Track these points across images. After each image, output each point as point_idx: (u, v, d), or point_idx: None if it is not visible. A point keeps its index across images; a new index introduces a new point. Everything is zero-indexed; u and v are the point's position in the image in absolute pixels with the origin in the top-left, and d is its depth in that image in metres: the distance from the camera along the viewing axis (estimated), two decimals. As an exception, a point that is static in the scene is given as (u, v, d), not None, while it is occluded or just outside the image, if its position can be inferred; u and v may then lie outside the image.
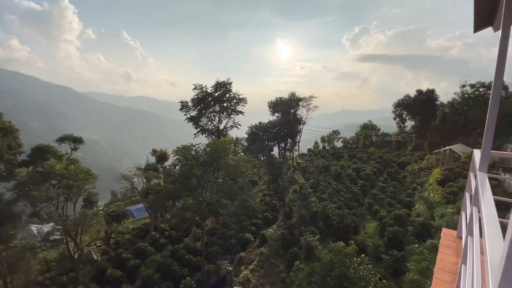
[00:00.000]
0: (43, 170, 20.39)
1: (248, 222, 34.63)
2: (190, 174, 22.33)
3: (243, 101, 46.57)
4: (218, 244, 29.50)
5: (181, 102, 44.06)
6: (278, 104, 49.93)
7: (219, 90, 44.51)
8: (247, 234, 31.47)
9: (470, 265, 2.28)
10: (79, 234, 24.36)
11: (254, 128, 46.46)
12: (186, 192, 22.63)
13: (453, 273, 3.20)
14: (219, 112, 45.23)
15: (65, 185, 21.56)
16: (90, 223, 23.57)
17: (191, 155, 22.95)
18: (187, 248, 28.92)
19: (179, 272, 24.67)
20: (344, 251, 13.52)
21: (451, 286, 2.97)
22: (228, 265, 24.83)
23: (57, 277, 28.04)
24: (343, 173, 46.85)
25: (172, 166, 34.72)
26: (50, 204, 22.03)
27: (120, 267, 28.05)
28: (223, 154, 23.69)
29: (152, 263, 26.23)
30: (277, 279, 25.13)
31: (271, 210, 38.23)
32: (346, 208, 34.09)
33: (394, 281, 19.78)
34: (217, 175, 23.95)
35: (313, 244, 22.53)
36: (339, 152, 64.64)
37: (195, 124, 44.73)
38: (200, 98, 43.55)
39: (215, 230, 32.76)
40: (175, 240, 33.96)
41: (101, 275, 26.76)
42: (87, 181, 25.01)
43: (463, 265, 2.61)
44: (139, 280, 23.68)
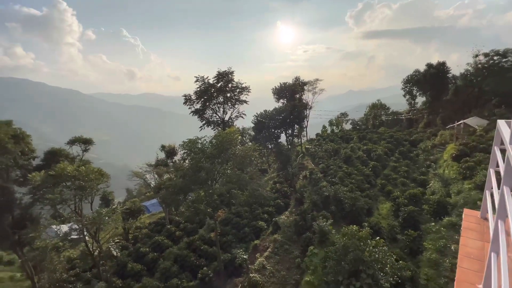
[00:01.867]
0: (55, 173, 20.85)
1: (260, 210, 34.83)
2: (199, 167, 22.32)
3: (246, 89, 45.88)
4: (232, 234, 29.89)
5: (184, 96, 43.82)
6: (283, 90, 48.89)
7: (221, 80, 43.87)
8: (260, 222, 31.71)
9: (503, 252, 1.95)
10: (97, 232, 25.09)
11: (259, 117, 45.90)
12: (196, 185, 22.73)
13: (479, 259, 2.87)
14: (223, 103, 44.80)
15: (78, 186, 22.04)
16: (106, 221, 24.17)
17: (197, 148, 22.86)
18: (202, 239, 29.46)
19: (196, 263, 25.23)
20: (357, 235, 13.30)
21: (479, 275, 2.64)
22: (243, 253, 25.14)
23: (82, 273, 29.29)
24: (354, 156, 46.07)
25: (182, 161, 34.96)
26: (66, 205, 22.67)
27: (139, 261, 28.95)
28: (229, 145, 23.49)
29: (169, 256, 26.93)
30: (292, 265, 25.36)
31: (283, 197, 38.26)
32: (358, 191, 33.69)
33: (411, 261, 19.55)
34: (225, 166, 23.87)
35: (326, 228, 22.41)
36: (348, 134, 63.49)
37: (200, 117, 44.57)
38: (202, 90, 43.13)
39: (228, 220, 33.16)
40: (190, 232, 34.66)
41: (122, 269, 27.73)
42: (100, 181, 25.43)
43: (493, 253, 2.27)
44: (159, 273, 24.39)
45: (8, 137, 27.33)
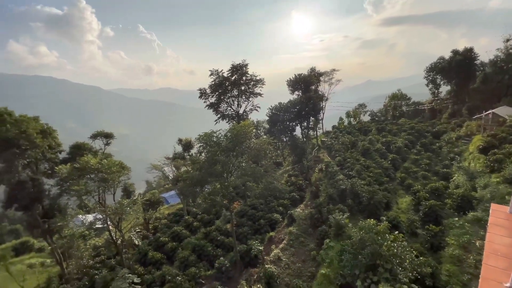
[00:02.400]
0: (80, 166, 22.01)
1: (275, 203, 34.97)
2: (214, 160, 22.63)
3: (260, 82, 45.53)
4: (248, 225, 30.30)
5: (199, 89, 44.27)
6: (298, 82, 47.97)
7: (235, 73, 43.79)
8: (275, 215, 31.89)
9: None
10: (119, 222, 26.34)
11: (274, 109, 45.54)
12: (212, 177, 23.12)
13: (507, 257, 2.69)
14: (237, 96, 44.82)
15: (101, 178, 23.15)
16: (128, 211, 25.28)
17: (213, 141, 23.13)
18: (218, 230, 30.14)
19: (213, 253, 25.92)
20: (375, 229, 13.00)
21: (506, 273, 2.48)
22: (258, 245, 25.49)
23: (106, 260, 31.03)
24: (372, 148, 44.82)
25: (198, 154, 35.61)
26: (90, 196, 23.93)
27: (159, 249, 30.19)
28: (244, 138, 23.57)
29: (188, 245, 27.83)
30: (308, 257, 25.39)
31: (298, 190, 38.12)
32: (376, 184, 32.89)
33: (432, 256, 18.92)
34: (240, 159, 24.05)
35: (343, 222, 22.13)
36: (366, 126, 61.67)
37: (215, 110, 44.97)
38: (217, 83, 43.32)
39: (244, 211, 33.60)
40: (207, 223, 35.55)
41: (144, 257, 29.07)
42: (121, 173, 26.49)
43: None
44: (178, 261, 25.34)
45: (37, 132, 29.03)
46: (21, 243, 46.37)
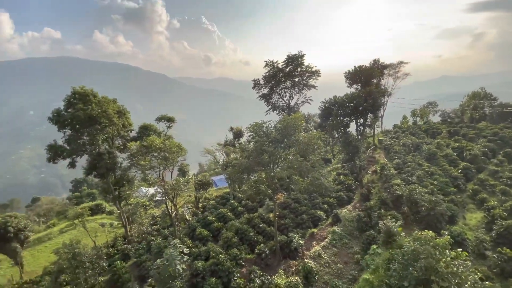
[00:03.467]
0: (146, 144, 25.03)
1: (320, 200, 34.12)
2: (262, 150, 23.08)
3: (316, 74, 43.91)
4: (290, 218, 30.38)
5: (253, 80, 45.07)
6: (357, 74, 44.60)
7: (290, 64, 43.10)
8: (319, 212, 31.20)
9: None
10: (175, 197, 29.28)
11: (327, 103, 43.52)
12: (259, 166, 23.69)
13: None
14: (290, 88, 44.27)
15: (163, 157, 25.95)
16: (183, 188, 27.88)
17: (262, 132, 23.55)
18: (261, 217, 31.00)
19: (254, 238, 26.88)
20: (433, 241, 11.62)
21: None
22: (299, 239, 25.44)
23: (161, 229, 35.01)
24: (439, 153, 39.70)
25: (247, 142, 36.82)
26: (153, 171, 27.10)
27: (206, 227, 32.65)
28: (293, 130, 23.36)
29: (231, 227, 29.42)
30: (350, 260, 24.34)
31: (346, 190, 36.39)
32: (440, 194, 29.25)
33: (501, 283, 16.18)
34: (287, 151, 23.99)
35: (395, 229, 20.36)
36: (435, 128, 54.61)
37: (266, 101, 45.36)
38: (271, 74, 43.41)
39: (287, 204, 33.72)
40: (250, 209, 36.84)
41: (192, 232, 31.88)
42: (179, 154, 29.15)
43: None
44: (221, 241, 27.08)
45: (114, 112, 33.78)
46: (96, 205, 55.27)
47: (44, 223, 55.29)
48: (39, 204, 68.15)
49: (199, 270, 21.33)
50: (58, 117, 29.91)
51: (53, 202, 70.38)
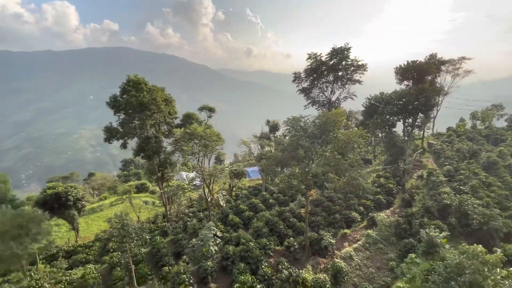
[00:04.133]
0: (189, 132, 26.63)
1: (355, 201, 32.84)
2: (298, 144, 22.92)
3: (362, 68, 41.43)
4: (322, 216, 29.87)
5: (294, 73, 44.35)
6: (409, 70, 40.81)
7: (334, 57, 41.30)
8: (353, 213, 30.12)
9: None
10: (211, 183, 30.80)
11: (373, 100, 40.83)
12: (293, 161, 23.61)
13: None
14: (332, 82, 42.54)
15: (203, 144, 27.40)
16: (219, 176, 29.18)
17: (299, 126, 23.30)
18: (292, 212, 31.03)
19: (284, 231, 27.13)
20: (482, 257, 10.48)
21: None
22: (330, 238, 24.98)
23: (197, 212, 37.25)
24: (501, 163, 35.07)
25: (282, 136, 36.81)
26: (194, 157, 28.81)
27: (238, 215, 33.84)
28: (333, 127, 22.66)
29: (262, 218, 30.05)
30: (384, 266, 23.24)
31: (386, 194, 34.40)
32: (497, 208, 26.00)
33: None
34: (325, 148, 23.43)
35: (438, 240, 18.84)
36: (499, 134, 48.07)
37: (306, 95, 44.37)
38: (313, 68, 42.17)
39: (319, 201, 33.14)
40: (282, 202, 37.06)
41: (225, 218, 33.33)
42: (218, 143, 30.43)
43: None
44: (252, 229, 27.89)
45: (162, 100, 36.39)
46: (141, 184, 60.72)
47: (97, 196, 62.74)
48: (94, 179, 77.25)
49: (229, 254, 22.36)
50: (114, 102, 33.28)
51: (105, 178, 79.18)
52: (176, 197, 38.10)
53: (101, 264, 25.54)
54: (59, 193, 32.55)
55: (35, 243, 22.25)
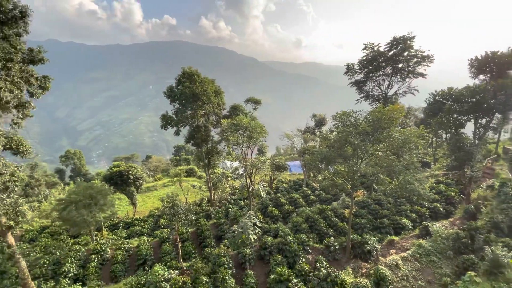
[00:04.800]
0: (235, 123, 27.43)
1: (408, 206, 30.10)
2: (346, 141, 21.70)
3: (427, 59, 36.70)
4: (367, 219, 28.17)
5: (346, 65, 41.67)
6: (488, 62, 34.76)
7: (395, 48, 37.39)
8: (404, 219, 27.67)
9: None
10: (253, 173, 31.45)
11: (438, 95, 36.01)
12: (340, 158, 22.50)
13: None
14: (390, 75, 38.72)
15: (248, 136, 28.00)
16: (260, 167, 29.59)
17: (349, 121, 21.97)
18: (334, 211, 29.92)
19: (324, 230, 26.39)
20: None
21: None
22: (375, 242, 23.44)
23: (238, 200, 38.60)
24: None
25: (329, 131, 35.27)
26: (238, 148, 29.71)
27: (277, 207, 34.05)
28: (388, 124, 20.80)
29: (302, 214, 29.69)
30: (436, 280, 20.98)
31: (445, 203, 30.70)
32: None
33: None
34: (377, 147, 21.72)
35: (505, 260, 16.16)
36: None
37: (359, 89, 41.41)
38: (369, 59, 38.94)
39: (366, 203, 31.24)
40: (324, 200, 35.98)
41: (264, 209, 33.89)
42: (261, 135, 30.74)
43: None
44: (291, 223, 27.80)
45: (212, 91, 38.09)
46: (190, 169, 65.30)
47: (152, 176, 69.63)
48: (150, 161, 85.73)
49: (267, 244, 22.73)
50: (170, 92, 36.03)
51: (160, 161, 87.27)
52: (220, 184, 40.02)
53: (153, 238, 28.50)
54: (122, 171, 36.99)
55: (101, 212, 25.91)
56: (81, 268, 22.78)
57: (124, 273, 22.67)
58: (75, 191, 26.21)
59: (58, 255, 22.95)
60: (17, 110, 14.21)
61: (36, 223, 34.48)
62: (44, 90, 15.55)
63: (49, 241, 27.75)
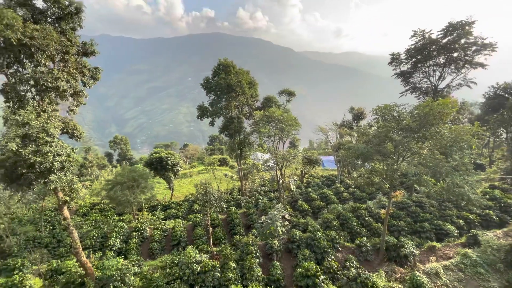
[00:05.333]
0: (268, 114, 27.30)
1: (454, 211, 27.36)
2: (387, 137, 20.21)
3: (489, 47, 32.03)
4: (405, 221, 26.28)
5: (391, 54, 38.35)
6: None
7: (450, 34, 33.25)
8: (448, 225, 25.24)
9: None
10: (283, 166, 31.24)
11: (500, 89, 31.42)
12: (378, 155, 21.09)
13: None
14: (443, 65, 34.65)
15: (279, 128, 27.73)
16: (292, 160, 29.22)
17: (392, 116, 20.34)
18: (368, 210, 28.44)
19: (356, 229, 25.30)
20: None
21: None
22: (413, 247, 21.83)
23: (268, 192, 38.83)
24: None
25: (368, 126, 33.14)
26: (269, 140, 29.65)
27: (307, 202, 33.49)
28: (437, 120, 18.81)
29: (333, 210, 28.78)
30: (484, 297, 18.89)
31: (499, 210, 27.24)
32: None
33: None
34: (422, 144, 19.85)
35: None
36: None
37: (404, 80, 37.94)
38: (418, 48, 35.26)
39: (405, 205, 29.10)
40: (357, 199, 34.40)
41: (294, 203, 33.59)
42: (294, 128, 30.24)
43: None
44: (321, 219, 27.15)
45: (247, 83, 38.26)
46: (223, 158, 67.24)
47: (188, 163, 73.25)
48: (187, 149, 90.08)
49: (296, 238, 22.56)
50: (207, 83, 37.05)
51: (196, 149, 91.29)
52: (251, 175, 40.58)
53: (187, 221, 30.19)
54: (161, 158, 39.50)
55: (142, 194, 28.12)
56: (124, 243, 25.14)
57: (160, 251, 24.49)
58: (120, 173, 28.78)
59: (105, 229, 25.60)
60: (72, 98, 15.88)
61: (88, 200, 38.81)
62: (95, 80, 17.08)
63: (98, 216, 31.11)
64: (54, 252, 23.32)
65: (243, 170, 40.57)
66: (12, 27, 12.05)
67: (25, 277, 16.36)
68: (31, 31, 12.72)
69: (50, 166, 13.22)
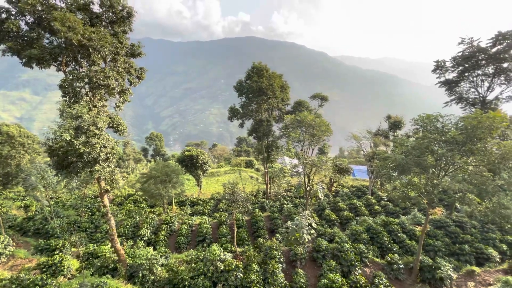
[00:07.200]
0: (299, 119, 27.02)
1: (497, 235, 24.60)
2: (428, 149, 18.81)
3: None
4: (443, 242, 24.15)
5: (436, 61, 35.75)
6: None
7: (500, 44, 30.20)
8: (490, 249, 22.75)
9: None
10: (312, 173, 30.58)
11: None
12: (417, 168, 19.69)
13: None
14: (492, 75, 31.51)
15: (310, 133, 27.27)
16: (321, 167, 28.48)
17: (435, 127, 18.90)
18: (401, 226, 26.65)
19: (387, 244, 23.86)
20: None
21: None
22: (450, 270, 19.97)
23: (294, 197, 38.28)
24: None
25: (406, 136, 31.09)
26: (299, 144, 29.28)
27: (335, 212, 32.38)
28: (485, 134, 17.09)
29: (363, 222, 27.46)
30: (538, 338, 16.61)
31: (561, 239, 23.75)
32: None
33: None
34: (467, 159, 18.16)
35: None
36: None
37: (449, 89, 35.08)
38: (465, 56, 32.45)
39: (443, 223, 26.79)
40: (390, 213, 32.44)
41: (321, 211, 32.68)
42: (325, 134, 29.53)
43: None
44: (348, 231, 26.04)
45: (278, 86, 38.35)
46: (249, 160, 67.89)
47: (216, 163, 75.18)
48: (216, 149, 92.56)
49: (321, 247, 21.91)
50: (239, 86, 37.86)
51: (224, 150, 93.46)
52: (277, 179, 40.36)
53: (213, 219, 30.94)
54: (192, 156, 41.11)
55: (173, 189, 29.47)
56: (154, 234, 26.52)
57: (186, 246, 25.39)
58: (155, 168, 30.52)
59: (138, 219, 27.26)
60: (119, 96, 17.31)
61: (124, 191, 41.70)
62: (140, 79, 18.43)
63: (132, 207, 33.24)
64: (91, 237, 25.35)
65: (269, 173, 40.52)
66: (74, 29, 13.51)
67: (64, 257, 17.42)
68: (89, 33, 14.16)
69: (97, 157, 14.50)
